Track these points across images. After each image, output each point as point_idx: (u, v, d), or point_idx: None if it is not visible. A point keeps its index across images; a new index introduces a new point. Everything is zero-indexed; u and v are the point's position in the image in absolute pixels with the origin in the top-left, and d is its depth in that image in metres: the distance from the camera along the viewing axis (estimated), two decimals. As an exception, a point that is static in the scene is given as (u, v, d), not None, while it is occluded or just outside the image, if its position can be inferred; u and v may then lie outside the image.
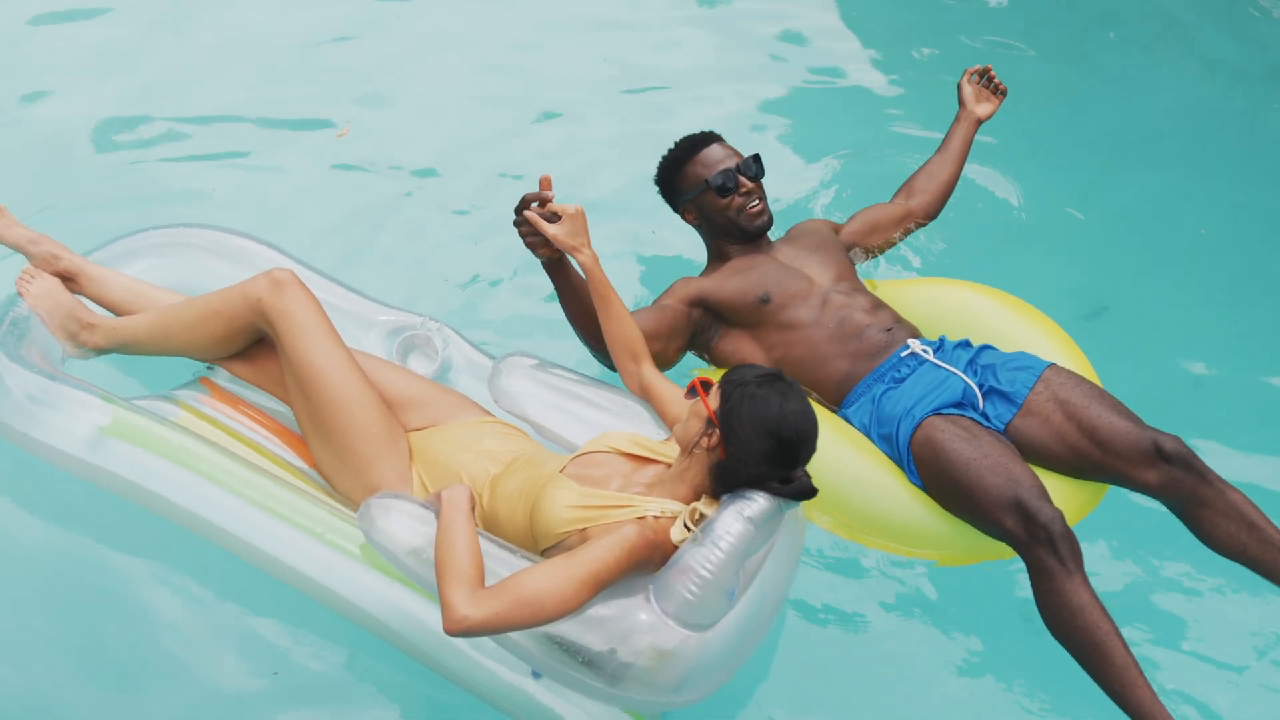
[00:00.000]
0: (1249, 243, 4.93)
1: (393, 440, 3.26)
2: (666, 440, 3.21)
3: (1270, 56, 6.07)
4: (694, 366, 3.85)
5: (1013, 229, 4.90)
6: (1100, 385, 3.60)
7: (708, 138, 3.94)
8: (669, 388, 3.37)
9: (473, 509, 2.91)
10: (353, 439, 3.22)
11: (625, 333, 3.41)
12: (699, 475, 2.93)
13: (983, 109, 4.29)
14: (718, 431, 2.86)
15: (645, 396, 3.40)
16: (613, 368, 3.52)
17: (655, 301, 3.80)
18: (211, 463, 3.15)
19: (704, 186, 3.86)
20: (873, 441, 3.53)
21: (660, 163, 3.99)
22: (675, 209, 4.01)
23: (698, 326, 3.78)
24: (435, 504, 2.94)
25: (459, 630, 2.67)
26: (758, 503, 2.83)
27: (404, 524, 2.90)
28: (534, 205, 3.37)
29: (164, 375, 3.64)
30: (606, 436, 3.18)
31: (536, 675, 2.95)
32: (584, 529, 2.93)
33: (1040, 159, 5.27)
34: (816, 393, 3.69)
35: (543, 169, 3.50)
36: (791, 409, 2.84)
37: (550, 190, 3.37)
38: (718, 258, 3.94)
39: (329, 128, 5.30)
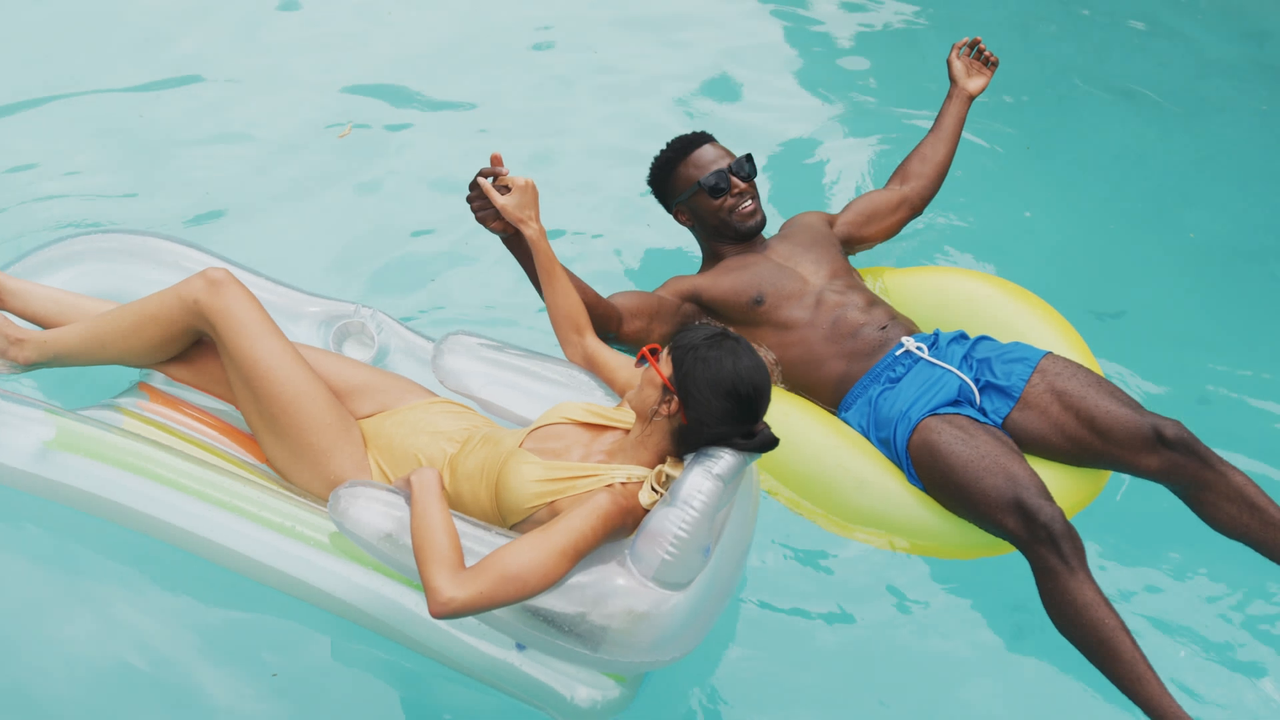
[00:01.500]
0: (1249, 243, 4.94)
1: (346, 429, 3.26)
2: (620, 406, 3.27)
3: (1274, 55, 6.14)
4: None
5: (1008, 225, 4.88)
6: (1100, 371, 3.62)
7: (699, 138, 3.95)
8: (614, 355, 3.43)
9: (443, 491, 2.94)
10: (306, 431, 3.22)
11: (569, 306, 3.47)
12: (661, 440, 3.00)
13: (974, 84, 4.22)
14: (676, 398, 2.93)
15: (590, 367, 3.45)
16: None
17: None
18: (168, 466, 3.13)
19: (696, 188, 3.88)
20: (872, 444, 3.55)
21: (652, 164, 4.00)
22: (668, 209, 4.03)
23: (689, 320, 3.81)
24: (404, 489, 2.97)
25: (446, 612, 2.71)
26: (725, 459, 2.91)
27: (376, 510, 2.92)
28: (487, 180, 3.43)
29: (85, 387, 3.60)
30: (561, 408, 3.22)
31: (521, 647, 3.00)
32: (552, 502, 2.99)
33: (1034, 155, 5.25)
34: (815, 395, 3.72)
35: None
36: (744, 365, 2.91)
37: (502, 166, 3.42)
38: (711, 257, 3.96)
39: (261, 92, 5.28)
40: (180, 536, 3.11)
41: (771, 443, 2.96)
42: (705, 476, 2.87)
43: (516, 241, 3.54)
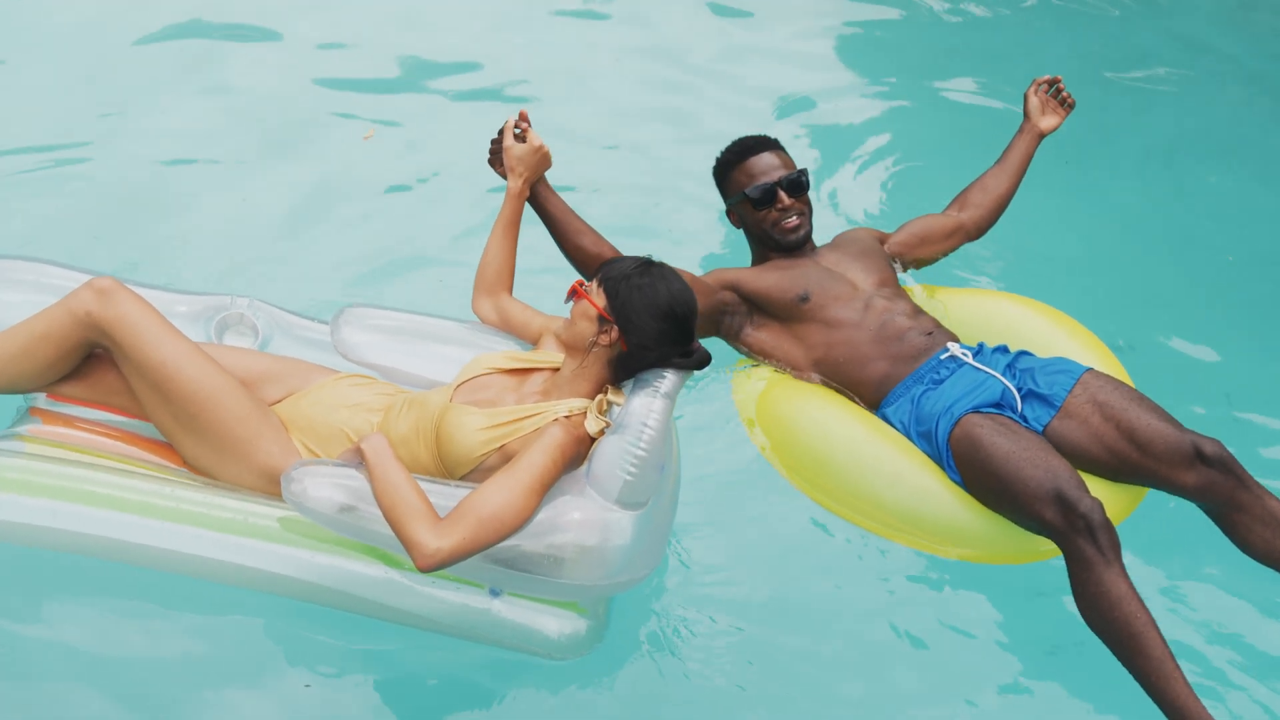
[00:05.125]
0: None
1: (265, 416, 3.24)
2: (535, 350, 3.37)
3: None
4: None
5: (1038, 248, 4.86)
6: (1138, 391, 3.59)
7: (760, 144, 3.98)
8: (523, 307, 3.55)
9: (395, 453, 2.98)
10: (228, 425, 3.18)
11: (502, 265, 3.61)
12: (599, 370, 3.12)
13: (1047, 122, 4.24)
14: (615, 326, 3.05)
15: (503, 321, 3.56)
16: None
17: None
18: (101, 483, 3.07)
19: (743, 196, 3.93)
20: (911, 440, 3.54)
21: (715, 161, 4.05)
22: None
23: (726, 308, 3.85)
24: (354, 459, 2.99)
25: (434, 564, 2.77)
26: (669, 379, 3.07)
27: (332, 484, 2.95)
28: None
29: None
30: (481, 359, 3.30)
31: (495, 593, 3.07)
32: (501, 446, 3.07)
33: (1071, 176, 5.18)
34: (856, 393, 3.74)
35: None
36: (676, 288, 3.07)
37: (527, 122, 3.66)
38: (760, 259, 4.02)
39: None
40: (134, 553, 3.05)
41: (707, 359, 3.12)
42: (654, 396, 3.02)
43: (534, 199, 3.75)
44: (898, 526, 3.46)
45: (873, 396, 3.70)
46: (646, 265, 3.10)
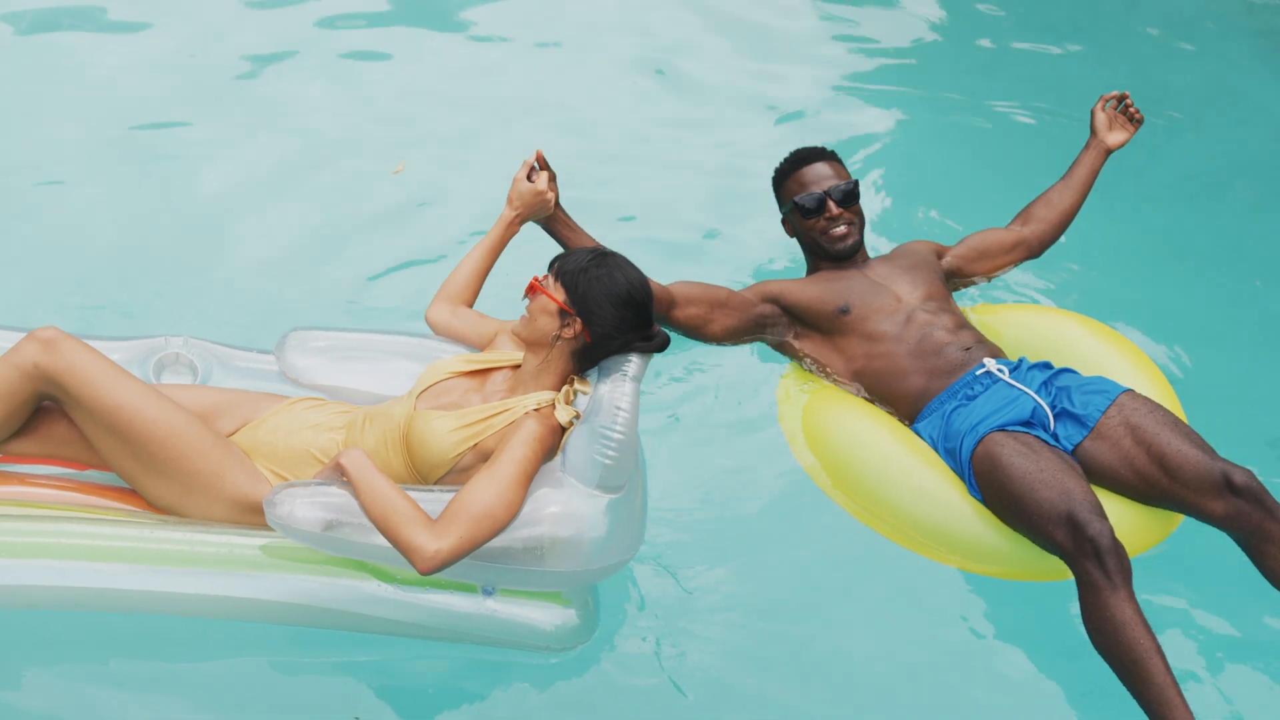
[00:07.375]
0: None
1: (227, 448, 3.22)
2: (489, 351, 3.42)
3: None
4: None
5: (1080, 271, 4.80)
6: (1183, 416, 3.61)
7: (814, 155, 4.02)
8: (478, 314, 3.61)
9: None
10: (192, 460, 3.15)
11: (470, 280, 3.70)
12: (563, 363, 3.19)
13: (1114, 137, 4.23)
14: (577, 319, 3.11)
15: (456, 327, 3.60)
16: None
17: None
18: (80, 535, 3.03)
19: (793, 205, 3.99)
20: (939, 455, 3.57)
21: (773, 171, 4.11)
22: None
23: (766, 320, 3.90)
24: (333, 475, 3.01)
25: (435, 565, 2.83)
26: (634, 363, 3.16)
27: (316, 503, 2.97)
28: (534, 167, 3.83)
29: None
30: (437, 365, 3.34)
31: (488, 592, 3.10)
32: (475, 444, 3.12)
33: (1110, 201, 4.96)
34: (893, 406, 3.76)
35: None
36: (632, 276, 3.17)
37: (545, 166, 3.82)
38: (812, 269, 4.07)
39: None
40: (129, 600, 3.02)
41: (667, 341, 3.21)
42: (623, 381, 3.10)
43: (552, 228, 3.89)
44: (920, 540, 3.50)
45: (909, 410, 3.74)
46: (601, 256, 3.18)
